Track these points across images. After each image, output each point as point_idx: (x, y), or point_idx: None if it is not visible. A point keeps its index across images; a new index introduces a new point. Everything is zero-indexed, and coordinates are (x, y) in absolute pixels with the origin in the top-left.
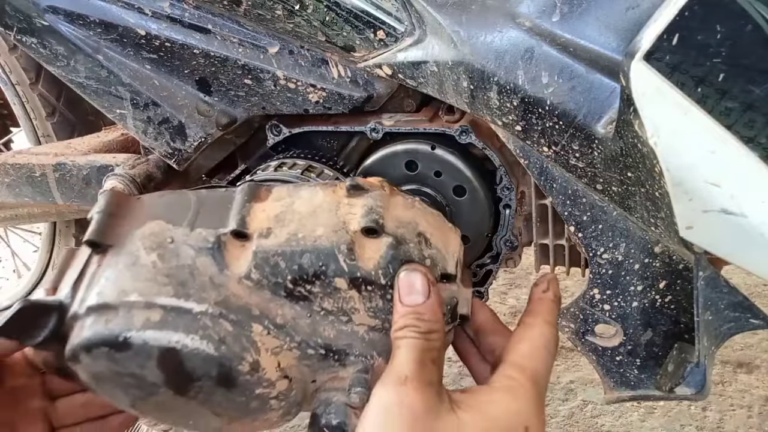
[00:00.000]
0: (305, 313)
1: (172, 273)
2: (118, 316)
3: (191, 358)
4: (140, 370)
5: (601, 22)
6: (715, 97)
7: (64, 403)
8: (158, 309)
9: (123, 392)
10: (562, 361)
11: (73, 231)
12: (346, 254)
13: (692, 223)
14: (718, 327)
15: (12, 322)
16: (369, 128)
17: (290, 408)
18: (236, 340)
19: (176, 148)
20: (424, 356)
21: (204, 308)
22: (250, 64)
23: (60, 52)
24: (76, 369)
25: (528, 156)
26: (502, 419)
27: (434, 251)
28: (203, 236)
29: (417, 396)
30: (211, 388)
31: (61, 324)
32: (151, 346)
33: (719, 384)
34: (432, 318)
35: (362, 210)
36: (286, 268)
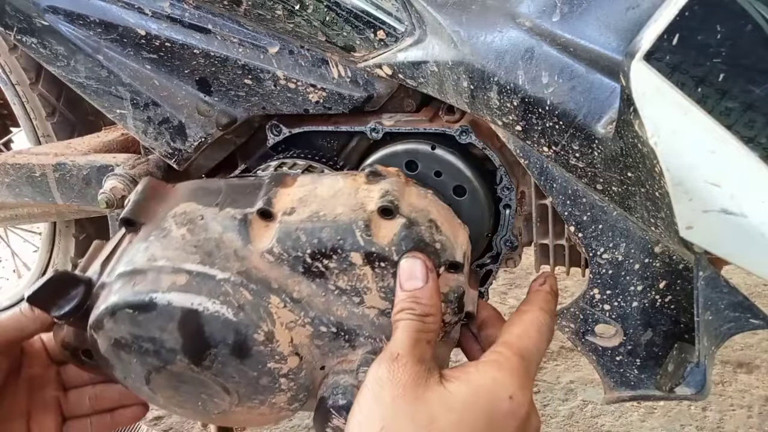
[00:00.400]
0: (320, 291)
1: (199, 244)
2: (146, 279)
3: (211, 322)
4: (160, 333)
5: (601, 22)
6: (715, 97)
7: (75, 395)
8: (184, 273)
9: (140, 362)
10: (562, 361)
11: (73, 231)
12: (362, 230)
13: (692, 223)
14: (718, 327)
15: (42, 290)
16: (369, 128)
17: (297, 393)
18: (254, 308)
19: (176, 148)
20: (418, 336)
21: (227, 276)
22: (250, 64)
23: (60, 52)
24: (98, 339)
25: (528, 156)
26: (486, 387)
27: (444, 238)
28: (231, 214)
29: (407, 370)
30: (226, 357)
31: (87, 298)
32: (175, 307)
33: (719, 384)
34: (428, 302)
35: (379, 193)
36: (307, 241)
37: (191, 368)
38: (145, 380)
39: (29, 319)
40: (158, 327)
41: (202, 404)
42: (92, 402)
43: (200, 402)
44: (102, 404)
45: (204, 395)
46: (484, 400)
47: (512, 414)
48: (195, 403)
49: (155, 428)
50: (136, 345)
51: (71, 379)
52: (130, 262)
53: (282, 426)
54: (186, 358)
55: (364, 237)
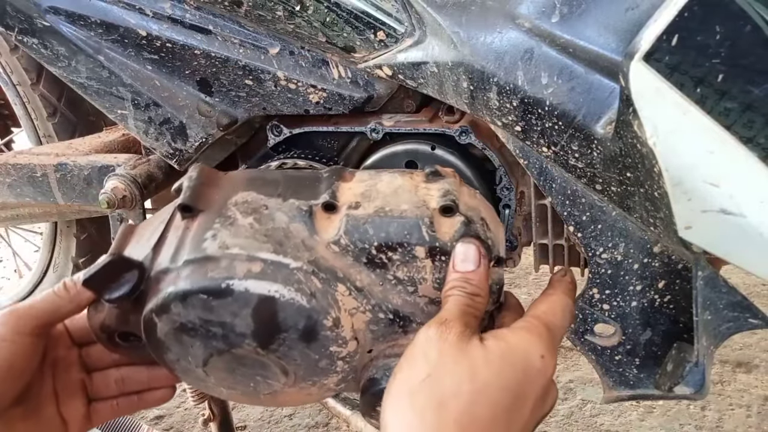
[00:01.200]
0: (378, 281)
1: (269, 233)
2: (220, 266)
3: (285, 308)
4: (233, 318)
5: (600, 22)
6: (714, 98)
7: (100, 377)
8: (259, 262)
9: (203, 346)
10: (562, 360)
11: (74, 231)
12: (428, 226)
13: (691, 223)
14: (717, 326)
15: (98, 274)
16: (369, 129)
17: (347, 375)
18: (324, 296)
19: (177, 149)
20: (466, 309)
21: (299, 265)
22: (250, 64)
23: (61, 53)
24: (158, 323)
25: (527, 156)
26: (521, 346)
27: (492, 235)
28: (296, 205)
29: (453, 330)
30: (294, 342)
31: (141, 283)
32: (252, 293)
33: (718, 383)
34: (479, 284)
35: (439, 192)
36: (374, 234)
37: (257, 351)
38: (202, 363)
39: (64, 299)
40: (232, 312)
41: (254, 386)
42: (119, 385)
43: (253, 383)
44: (129, 387)
45: (259, 377)
46: (520, 356)
47: (542, 373)
48: (247, 385)
49: (156, 428)
50: (203, 329)
51: (94, 362)
52: (198, 249)
53: (282, 426)
54: (254, 342)
55: (430, 233)
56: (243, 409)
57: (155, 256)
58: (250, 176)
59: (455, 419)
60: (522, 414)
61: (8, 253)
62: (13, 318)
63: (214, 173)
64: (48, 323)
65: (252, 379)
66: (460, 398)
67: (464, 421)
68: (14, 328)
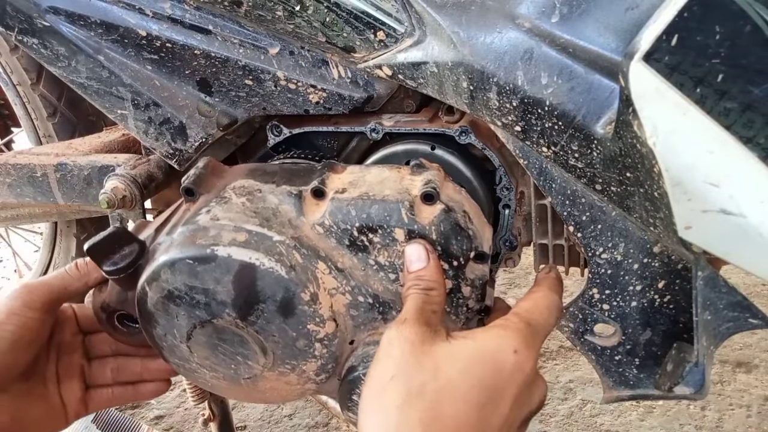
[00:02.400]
0: (360, 265)
1: (258, 211)
2: (208, 234)
3: (264, 277)
4: (215, 285)
5: (600, 22)
6: (714, 98)
7: (98, 365)
8: (244, 232)
9: (187, 316)
10: (561, 360)
11: (74, 231)
12: (407, 209)
13: (691, 223)
14: (716, 326)
15: (101, 243)
16: (369, 129)
17: (327, 363)
18: (304, 270)
19: (177, 149)
20: (423, 306)
21: (282, 239)
22: (250, 64)
23: (61, 53)
24: (149, 293)
25: (527, 156)
26: (491, 342)
27: (474, 228)
28: (287, 190)
29: (413, 330)
30: (272, 314)
31: (140, 257)
32: (234, 260)
33: (718, 383)
34: (431, 278)
35: (422, 181)
36: (356, 215)
37: (237, 323)
38: (186, 336)
39: (74, 277)
40: (214, 279)
41: (235, 367)
42: (114, 373)
43: (234, 364)
44: (123, 376)
45: (239, 357)
46: (490, 352)
47: (518, 368)
48: (228, 366)
49: (156, 428)
50: (188, 297)
51: (95, 350)
52: (191, 222)
53: (282, 426)
54: (234, 312)
55: (409, 216)
56: (243, 409)
57: (156, 235)
58: (251, 168)
59: (420, 418)
60: (499, 410)
61: (8, 253)
62: (25, 292)
63: (220, 165)
64: (57, 299)
65: (233, 359)
66: (424, 397)
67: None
68: (25, 303)
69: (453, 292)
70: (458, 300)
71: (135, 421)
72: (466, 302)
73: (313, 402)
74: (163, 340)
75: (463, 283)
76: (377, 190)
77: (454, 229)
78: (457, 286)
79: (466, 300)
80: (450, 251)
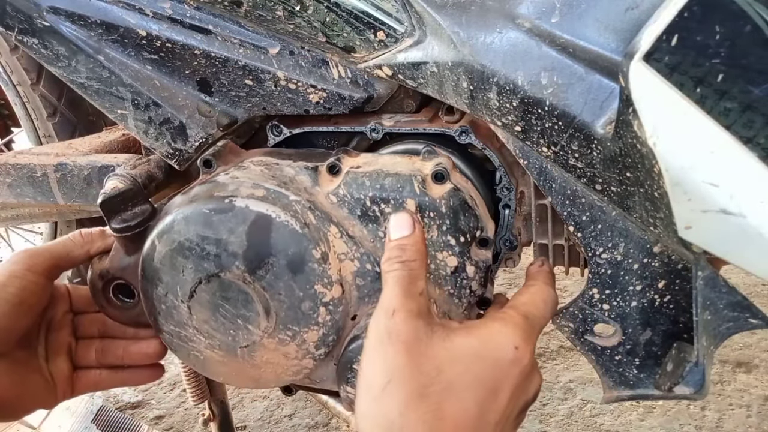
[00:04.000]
0: (370, 236)
1: (276, 176)
2: (227, 189)
3: (279, 229)
4: (228, 235)
5: (600, 22)
6: (714, 98)
7: (83, 345)
8: (263, 189)
9: (194, 269)
10: (562, 360)
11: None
12: (420, 182)
13: (691, 223)
14: (717, 326)
15: (114, 198)
16: (369, 129)
17: (328, 334)
18: (316, 230)
19: (177, 149)
20: (409, 288)
21: (298, 199)
22: (250, 64)
23: (61, 53)
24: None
25: (527, 156)
26: (491, 338)
27: (480, 212)
28: (303, 164)
29: (406, 326)
30: (281, 269)
31: (150, 219)
32: (251, 210)
33: (718, 383)
34: (414, 248)
35: (432, 164)
36: (370, 186)
37: (245, 277)
38: (189, 294)
39: (77, 244)
40: (228, 229)
41: (234, 333)
42: (97, 355)
43: (233, 329)
44: (107, 359)
45: (240, 320)
46: (490, 349)
47: (517, 363)
48: (227, 332)
49: (156, 428)
50: (198, 248)
51: (83, 329)
52: (209, 181)
53: (282, 426)
54: (244, 264)
55: (420, 188)
56: (243, 409)
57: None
58: (268, 149)
59: (423, 420)
60: (498, 404)
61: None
62: (27, 256)
63: (238, 147)
64: (59, 266)
65: (233, 322)
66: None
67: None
68: (27, 266)
69: (458, 270)
70: (462, 281)
71: (135, 421)
72: (469, 283)
73: (313, 402)
74: (163, 301)
75: (468, 262)
76: (390, 167)
77: (462, 205)
78: (462, 264)
79: (469, 281)
80: (458, 226)
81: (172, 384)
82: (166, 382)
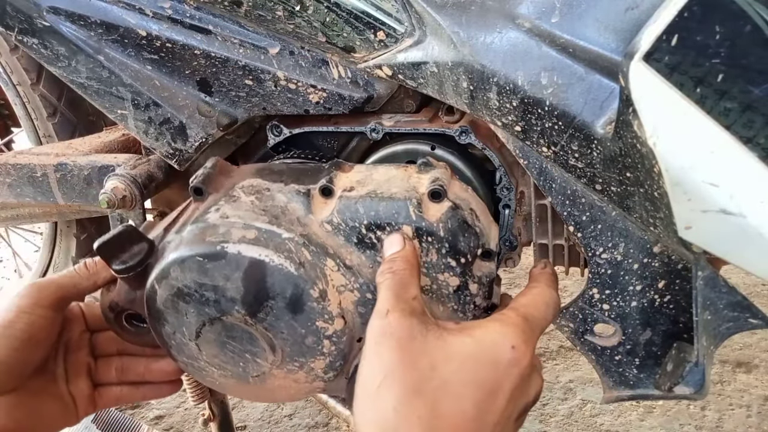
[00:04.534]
0: (368, 262)
1: (267, 209)
2: (218, 232)
3: (274, 273)
4: (225, 281)
5: (600, 22)
6: (714, 98)
7: (103, 363)
8: (254, 230)
9: (196, 313)
10: (562, 360)
11: (74, 231)
12: (415, 206)
13: (691, 223)
14: (717, 326)
15: (110, 241)
16: (369, 129)
17: (335, 360)
18: (312, 267)
19: (177, 149)
20: (400, 293)
21: (291, 236)
22: (250, 64)
23: (61, 53)
24: (158, 290)
25: (527, 156)
26: (488, 338)
27: (481, 226)
28: (295, 189)
29: (399, 324)
30: (281, 311)
31: (149, 256)
32: (243, 256)
33: (718, 383)
34: (403, 259)
35: (429, 179)
36: (364, 213)
37: (246, 320)
38: (195, 334)
39: (83, 277)
40: (224, 276)
41: (244, 365)
42: (118, 373)
43: (242, 362)
44: (127, 376)
45: (248, 354)
46: (486, 348)
47: (515, 364)
48: (237, 364)
49: (156, 428)
50: (197, 294)
51: (101, 348)
52: (201, 220)
53: (282, 426)
54: (244, 309)
55: (416, 213)
56: (243, 409)
57: (165, 235)
58: (259, 167)
59: (418, 417)
60: (496, 405)
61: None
62: (34, 290)
63: (228, 165)
64: (66, 298)
65: (241, 356)
66: (421, 396)
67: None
68: (35, 301)
69: (460, 289)
70: (466, 297)
71: (135, 421)
72: (473, 299)
73: (313, 402)
74: (172, 338)
75: (471, 280)
76: (385, 188)
77: (461, 226)
78: (464, 283)
79: (473, 297)
80: (457, 248)
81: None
82: None
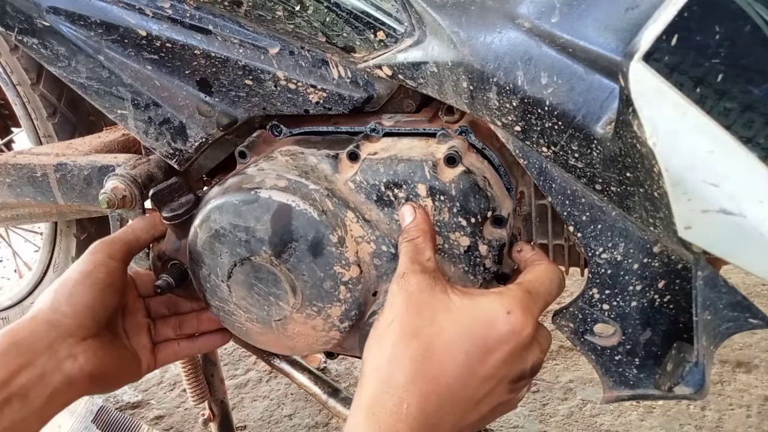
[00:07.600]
0: (386, 219)
1: (299, 166)
2: (254, 180)
3: (299, 217)
4: (255, 223)
5: (600, 22)
6: (714, 98)
7: (161, 324)
8: (285, 179)
9: (229, 253)
10: (562, 360)
11: (74, 231)
12: (430, 167)
13: (691, 223)
14: (716, 326)
15: (162, 190)
16: (369, 128)
17: (350, 309)
18: (334, 216)
19: (177, 149)
20: (415, 257)
21: (317, 188)
22: (250, 64)
23: (61, 53)
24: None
25: (527, 156)
26: (486, 302)
27: (493, 192)
28: (326, 153)
29: (411, 280)
30: (303, 253)
31: (195, 207)
32: (273, 201)
33: (718, 383)
34: (416, 228)
35: (446, 147)
36: (384, 172)
37: (272, 260)
38: (227, 275)
39: (143, 229)
40: (255, 217)
41: (268, 308)
42: (175, 329)
43: (267, 305)
44: (184, 330)
45: (272, 297)
46: (484, 310)
47: (511, 329)
48: (262, 307)
49: (156, 428)
50: (231, 235)
51: (155, 311)
52: (241, 173)
53: (282, 426)
54: (270, 249)
55: (431, 173)
56: (243, 409)
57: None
58: (298, 138)
59: (411, 355)
60: (487, 362)
61: (8, 253)
62: (105, 245)
63: (271, 137)
64: (132, 251)
65: (266, 299)
66: (418, 338)
67: (419, 356)
68: (108, 254)
69: (470, 249)
70: (475, 258)
71: (135, 421)
72: (482, 261)
73: (313, 402)
74: (208, 280)
75: (480, 241)
76: (405, 153)
77: (472, 188)
78: (474, 243)
79: (482, 259)
80: (468, 208)
81: (172, 384)
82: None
